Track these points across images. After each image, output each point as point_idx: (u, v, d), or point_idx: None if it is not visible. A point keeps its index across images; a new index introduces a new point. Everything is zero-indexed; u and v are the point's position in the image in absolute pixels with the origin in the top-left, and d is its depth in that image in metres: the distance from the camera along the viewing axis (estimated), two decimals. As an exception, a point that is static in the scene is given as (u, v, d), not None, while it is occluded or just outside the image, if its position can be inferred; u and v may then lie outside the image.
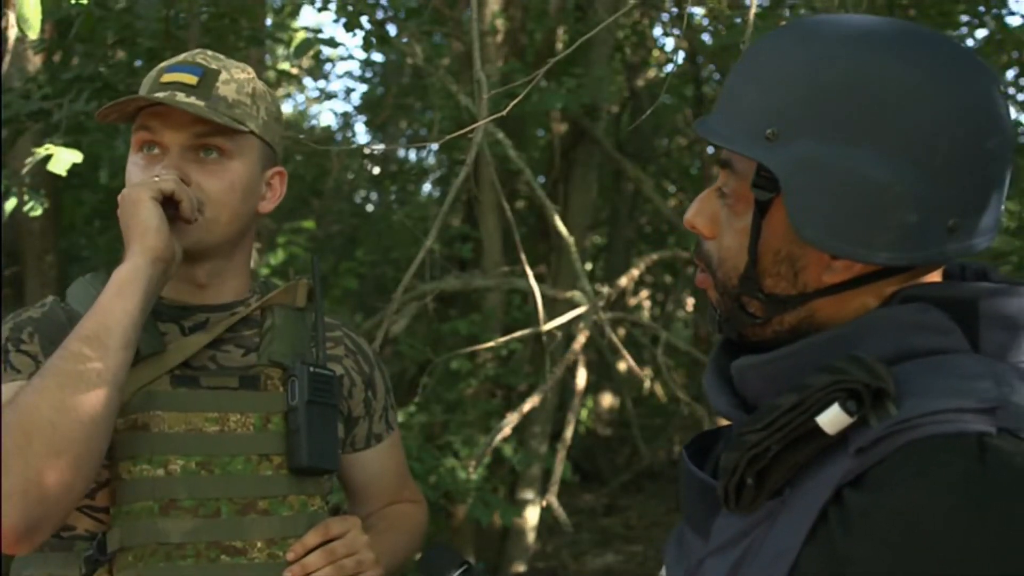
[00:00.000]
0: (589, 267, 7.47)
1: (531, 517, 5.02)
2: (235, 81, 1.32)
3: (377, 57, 8.43)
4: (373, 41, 4.80)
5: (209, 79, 1.30)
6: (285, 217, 7.19)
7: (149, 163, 1.29)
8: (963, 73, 0.79)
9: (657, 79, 7.08)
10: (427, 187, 8.13)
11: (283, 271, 6.60)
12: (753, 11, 2.33)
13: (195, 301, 1.35)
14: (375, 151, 7.49)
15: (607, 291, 4.12)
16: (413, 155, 7.67)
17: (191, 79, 1.29)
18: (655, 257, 5.02)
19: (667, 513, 7.16)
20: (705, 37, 5.84)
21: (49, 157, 2.82)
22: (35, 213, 3.28)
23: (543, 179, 5.98)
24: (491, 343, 4.08)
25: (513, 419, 3.56)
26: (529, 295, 3.99)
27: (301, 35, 4.91)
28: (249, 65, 1.38)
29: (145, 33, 4.13)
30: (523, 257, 3.38)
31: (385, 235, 7.05)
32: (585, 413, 7.49)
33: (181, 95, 1.27)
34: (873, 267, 0.81)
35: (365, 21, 4.63)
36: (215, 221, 1.29)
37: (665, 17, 6.17)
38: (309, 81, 10.68)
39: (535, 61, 4.86)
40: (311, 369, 1.31)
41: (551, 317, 3.74)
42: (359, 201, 9.30)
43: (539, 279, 4.15)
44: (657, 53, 7.50)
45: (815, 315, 0.85)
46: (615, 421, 8.64)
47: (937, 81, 0.78)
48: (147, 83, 1.32)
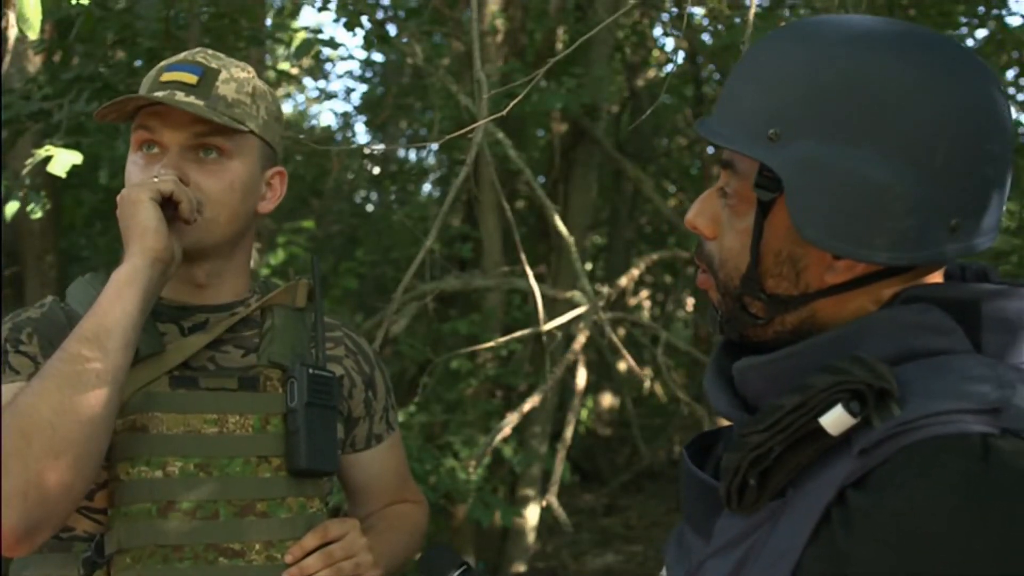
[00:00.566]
0: (589, 267, 7.47)
1: (531, 517, 5.02)
2: (235, 80, 1.31)
3: (377, 57, 8.45)
4: (373, 41, 4.80)
5: (209, 78, 1.29)
6: (285, 217, 7.20)
7: (148, 162, 1.28)
8: (963, 73, 0.79)
9: (657, 79, 7.09)
10: (427, 187, 8.14)
11: (283, 271, 6.60)
12: (753, 11, 2.33)
13: (195, 301, 1.35)
14: (375, 151, 7.49)
15: (607, 291, 4.12)
16: (413, 155, 7.68)
17: (191, 78, 1.28)
18: (655, 257, 5.03)
19: (667, 513, 7.16)
20: (705, 37, 5.85)
21: (49, 158, 2.82)
22: (36, 215, 3.27)
23: (543, 179, 5.98)
24: (491, 343, 4.08)
25: (513, 419, 3.56)
26: (529, 295, 3.99)
27: (301, 35, 4.91)
28: (249, 65, 1.38)
29: (145, 33, 4.13)
30: (523, 257, 3.38)
31: (385, 235, 7.05)
32: (585, 413, 7.49)
33: (181, 94, 1.26)
34: (874, 267, 0.81)
35: (365, 21, 4.63)
36: (214, 221, 1.29)
37: (665, 17, 6.17)
38: (309, 81, 10.70)
39: (535, 61, 4.86)
40: (310, 371, 1.31)
41: (551, 317, 3.74)
42: (359, 201, 9.30)
43: (539, 279, 4.15)
44: (657, 53, 7.50)
45: (817, 316, 0.85)
46: (615, 421, 8.64)
47: (937, 81, 0.78)
48: (147, 82, 1.32)
